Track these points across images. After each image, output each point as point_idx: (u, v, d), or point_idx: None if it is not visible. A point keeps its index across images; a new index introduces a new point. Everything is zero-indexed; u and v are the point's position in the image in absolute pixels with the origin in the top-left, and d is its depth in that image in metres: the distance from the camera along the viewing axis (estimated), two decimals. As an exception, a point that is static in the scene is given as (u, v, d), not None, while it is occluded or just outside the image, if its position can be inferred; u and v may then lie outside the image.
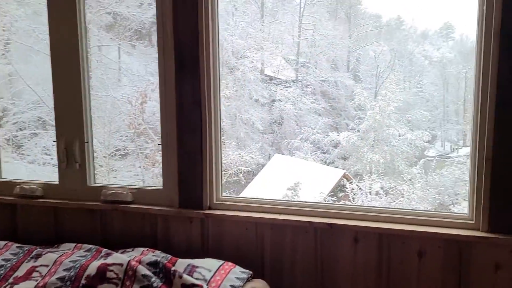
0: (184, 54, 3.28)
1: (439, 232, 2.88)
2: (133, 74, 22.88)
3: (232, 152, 19.94)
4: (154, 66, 24.33)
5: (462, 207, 35.66)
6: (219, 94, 3.40)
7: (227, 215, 3.42)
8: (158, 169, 15.97)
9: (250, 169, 19.36)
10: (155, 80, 17.50)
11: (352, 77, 52.52)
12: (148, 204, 3.61)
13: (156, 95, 17.01)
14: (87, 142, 3.68)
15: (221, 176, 3.45)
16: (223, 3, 33.65)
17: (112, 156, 21.02)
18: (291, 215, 3.32)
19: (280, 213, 3.35)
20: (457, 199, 36.44)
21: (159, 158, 15.58)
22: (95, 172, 3.81)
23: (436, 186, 31.97)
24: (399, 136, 36.32)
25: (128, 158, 23.20)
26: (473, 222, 2.91)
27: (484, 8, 2.65)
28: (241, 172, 17.90)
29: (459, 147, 55.12)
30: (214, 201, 3.52)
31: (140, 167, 18.32)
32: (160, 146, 3.47)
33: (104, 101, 19.66)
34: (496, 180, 2.76)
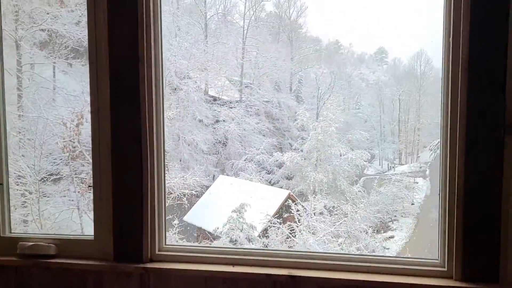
0: (122, 83, 2.87)
1: (411, 283, 2.66)
2: (68, 94, 21.67)
3: (175, 175, 19.32)
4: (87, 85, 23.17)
5: (400, 224, 36.98)
6: (163, 127, 3.01)
7: (172, 269, 2.97)
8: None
9: (194, 192, 18.85)
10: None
11: (295, 98, 53.97)
12: (76, 258, 3.07)
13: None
14: (1, 184, 3.14)
15: (165, 222, 3.01)
16: (165, 22, 33.12)
17: (43, 181, 19.63)
18: (246, 267, 2.92)
19: (233, 264, 2.96)
20: (395, 216, 37.87)
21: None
22: (11, 219, 3.25)
23: (376, 204, 33.05)
24: (341, 155, 37.35)
25: (62, 183, 21.81)
26: (445, 269, 2.73)
27: (451, 39, 2.50)
28: (184, 195, 17.34)
29: (396, 165, 58.12)
30: (157, 252, 3.04)
31: (75, 192, 17.22)
32: (92, 187, 2.98)
33: (35, 122, 18.38)
34: (468, 222, 2.61)
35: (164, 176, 2.99)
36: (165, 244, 3.01)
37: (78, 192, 16.76)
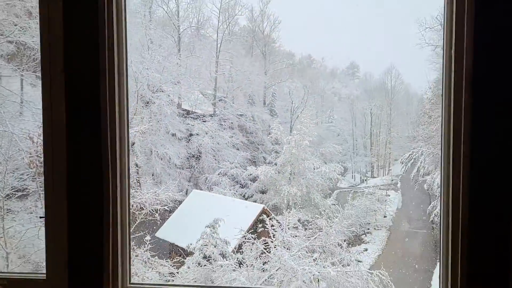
0: (80, 100, 2.57)
1: None
2: (36, 108, 20.95)
3: (147, 191, 18.87)
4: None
5: (373, 236, 37.19)
6: (127, 149, 2.72)
7: (137, 313, 2.49)
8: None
9: (167, 208, 18.42)
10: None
11: (269, 112, 54.04)
12: (25, 301, 2.54)
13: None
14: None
15: (129, 257, 2.68)
16: (138, 35, 32.60)
17: (9, 197, 18.80)
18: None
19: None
20: (368, 229, 38.12)
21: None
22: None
23: (350, 217, 33.12)
24: (314, 169, 37.43)
25: (29, 199, 20.93)
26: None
27: (453, 52, 2.24)
28: (156, 211, 16.90)
29: (368, 178, 59.00)
30: (120, 293, 2.57)
31: (42, 208, 16.56)
32: (44, 219, 2.65)
33: (0, 136, 17.62)
34: (473, 260, 2.27)
35: (129, 204, 2.67)
36: (130, 283, 2.65)
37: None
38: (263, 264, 14.74)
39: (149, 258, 15.62)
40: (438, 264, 22.47)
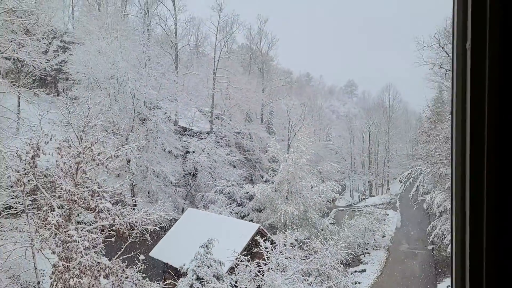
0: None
1: None
2: (24, 125, 20.64)
3: (137, 210, 18.39)
4: (52, 116, 22.22)
5: (372, 257, 36.63)
6: None
7: None
8: (48, 232, 14.07)
9: (158, 228, 17.91)
10: (51, 130, 15.70)
11: (266, 129, 53.82)
12: None
13: (51, 147, 15.30)
14: None
15: None
16: (135, 52, 32.61)
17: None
18: None
19: None
20: (366, 249, 37.51)
21: (52, 220, 13.74)
22: None
23: (347, 238, 32.57)
24: (312, 187, 36.94)
25: (17, 218, 20.51)
26: None
27: (468, 45, 1.64)
28: (147, 232, 16.41)
29: (366, 197, 58.33)
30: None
31: (29, 228, 16.05)
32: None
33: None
34: None
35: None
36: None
37: (33, 228, 15.63)
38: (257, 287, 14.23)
39: (139, 280, 15.09)
40: (438, 286, 21.76)
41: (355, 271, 31.46)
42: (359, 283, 27.14)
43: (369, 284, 29.24)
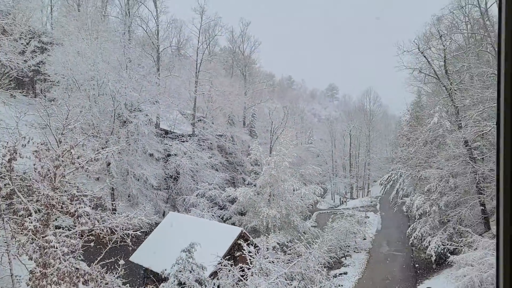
0: None
1: None
2: (0, 127, 20.07)
3: (117, 214, 18.05)
4: (30, 118, 21.68)
5: (353, 259, 36.86)
6: None
7: None
8: (25, 238, 13.67)
9: (140, 233, 17.62)
10: (29, 133, 15.28)
11: (248, 132, 53.71)
12: None
13: (28, 150, 14.89)
14: None
15: None
16: (116, 54, 32.19)
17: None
18: None
19: None
20: (348, 252, 37.70)
21: (29, 225, 13.35)
22: None
23: (330, 241, 32.68)
24: (294, 190, 37.00)
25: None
26: None
27: None
28: (128, 236, 16.11)
29: (347, 200, 58.82)
30: None
31: (5, 233, 15.55)
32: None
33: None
34: None
35: None
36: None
37: (9, 233, 15.16)
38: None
39: (119, 286, 14.76)
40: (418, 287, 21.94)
41: (337, 274, 31.62)
42: (341, 286, 27.25)
43: (350, 286, 29.40)
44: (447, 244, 24.82)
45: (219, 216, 36.97)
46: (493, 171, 25.37)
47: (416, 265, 33.72)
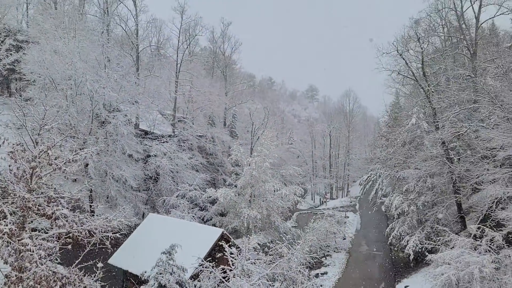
0: None
1: None
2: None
3: (96, 216, 17.66)
4: (5, 118, 21.11)
5: (333, 259, 37.13)
6: None
7: None
8: None
9: (119, 235, 17.31)
10: (3, 133, 14.84)
11: (229, 133, 53.56)
12: None
13: (3, 151, 14.46)
14: None
15: None
16: (94, 53, 31.68)
17: None
18: None
19: None
20: (328, 251, 37.97)
21: (5, 228, 12.94)
22: None
23: (310, 240, 32.81)
24: (275, 191, 37.10)
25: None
26: None
27: None
28: (107, 239, 15.83)
29: (327, 200, 59.25)
30: None
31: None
32: None
33: None
34: None
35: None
36: None
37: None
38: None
39: (98, 290, 14.48)
40: (396, 286, 22.30)
41: (318, 274, 31.82)
42: (321, 286, 27.42)
43: (330, 286, 29.62)
44: (425, 243, 25.25)
45: (200, 217, 36.74)
46: (469, 171, 25.98)
47: (395, 264, 34.23)
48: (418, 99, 34.91)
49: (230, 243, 22.34)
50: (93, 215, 26.26)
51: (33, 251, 11.78)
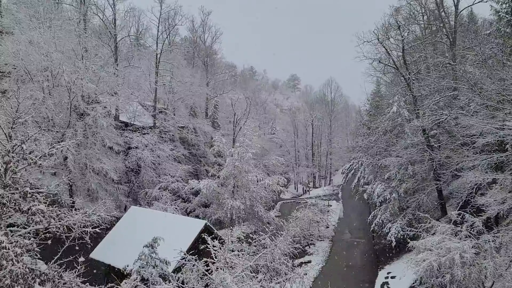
0: None
1: None
2: None
3: (75, 211, 17.19)
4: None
5: (317, 247, 37.35)
6: None
7: None
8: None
9: (99, 230, 16.96)
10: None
11: (211, 123, 53.11)
12: None
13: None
14: None
15: None
16: (71, 44, 30.82)
17: None
18: None
19: None
20: (311, 240, 38.25)
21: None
22: None
23: (294, 230, 32.84)
24: (258, 181, 37.00)
25: None
26: None
27: None
28: (87, 234, 15.48)
29: (310, 189, 59.61)
30: None
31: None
32: None
33: None
34: None
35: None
36: None
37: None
38: (206, 287, 13.83)
39: (78, 285, 14.12)
40: (379, 273, 22.57)
41: (301, 263, 32.01)
42: (305, 274, 27.58)
43: (314, 274, 29.83)
44: (407, 230, 25.55)
45: (183, 209, 36.48)
46: (449, 158, 26.32)
47: (377, 251, 34.68)
48: (399, 87, 35.14)
49: (214, 234, 22.19)
50: (74, 209, 25.78)
51: (8, 249, 11.41)
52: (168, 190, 35.88)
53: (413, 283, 22.76)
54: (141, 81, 45.29)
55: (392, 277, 27.68)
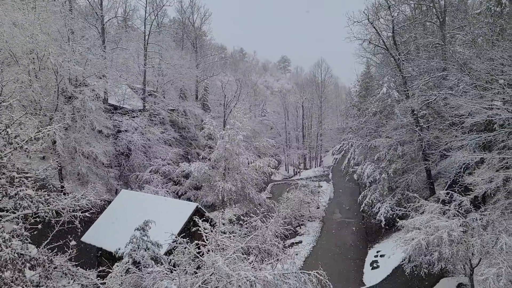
0: None
1: None
2: None
3: (63, 196, 17.07)
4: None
5: (308, 228, 37.72)
6: None
7: None
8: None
9: (89, 214, 16.88)
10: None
11: (201, 106, 52.80)
12: None
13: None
14: None
15: None
16: (57, 26, 30.12)
17: None
18: None
19: None
20: (302, 221, 38.52)
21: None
22: None
23: (285, 211, 33.05)
24: (249, 163, 37.06)
25: None
26: None
27: None
28: (76, 218, 15.40)
29: (301, 170, 60.08)
30: None
31: None
32: None
33: None
34: None
35: None
36: None
37: None
38: (197, 269, 13.94)
39: (69, 269, 14.13)
40: (369, 252, 22.89)
41: (292, 243, 32.38)
42: (296, 254, 27.93)
43: (305, 254, 30.23)
44: (396, 210, 25.90)
45: (174, 192, 36.49)
46: (438, 138, 26.52)
47: (367, 231, 35.18)
48: (388, 68, 35.11)
49: (205, 217, 22.27)
50: (63, 194, 25.60)
51: (-3, 234, 11.32)
52: (159, 173, 35.80)
53: (402, 261, 23.17)
54: (130, 63, 44.63)
55: (382, 256, 28.17)
